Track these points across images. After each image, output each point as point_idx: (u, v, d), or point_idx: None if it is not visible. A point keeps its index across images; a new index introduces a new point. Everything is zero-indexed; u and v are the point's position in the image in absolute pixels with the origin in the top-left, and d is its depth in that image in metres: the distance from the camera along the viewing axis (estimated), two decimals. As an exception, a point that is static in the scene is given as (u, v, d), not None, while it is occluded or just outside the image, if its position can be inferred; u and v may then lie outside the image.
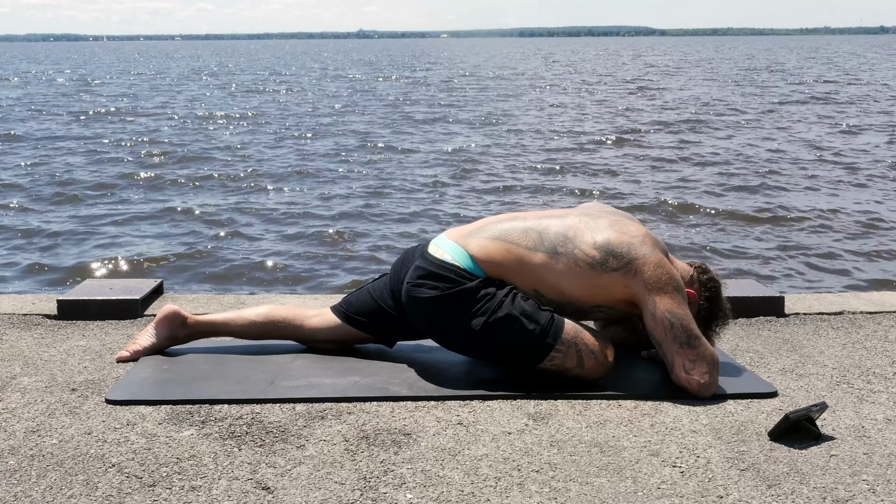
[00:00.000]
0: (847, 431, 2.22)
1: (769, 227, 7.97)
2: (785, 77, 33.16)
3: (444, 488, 1.90)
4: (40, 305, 3.31)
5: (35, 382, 2.53)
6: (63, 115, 19.48)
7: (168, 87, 30.43)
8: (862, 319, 3.23)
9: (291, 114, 19.79)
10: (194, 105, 22.46)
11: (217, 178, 10.75)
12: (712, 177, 10.64)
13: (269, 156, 12.81)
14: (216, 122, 17.87)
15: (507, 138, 14.62)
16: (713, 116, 18.14)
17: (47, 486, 1.90)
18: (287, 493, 1.87)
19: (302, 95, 25.76)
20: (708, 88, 26.43)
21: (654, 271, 2.45)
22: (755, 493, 1.89)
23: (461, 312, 2.48)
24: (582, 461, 2.04)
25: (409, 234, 7.78)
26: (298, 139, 14.83)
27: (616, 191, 9.84)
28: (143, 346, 2.73)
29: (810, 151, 12.80)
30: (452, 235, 2.63)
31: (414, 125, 17.00)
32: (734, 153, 12.59)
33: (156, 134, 15.66)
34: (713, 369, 2.43)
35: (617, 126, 16.48)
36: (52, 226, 8.10)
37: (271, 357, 2.72)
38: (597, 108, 20.34)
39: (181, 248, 7.30)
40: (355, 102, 22.91)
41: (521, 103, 21.82)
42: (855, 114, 18.55)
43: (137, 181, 10.60)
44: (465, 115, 18.93)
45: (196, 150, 13.32)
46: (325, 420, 2.26)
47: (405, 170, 11.40)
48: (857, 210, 8.69)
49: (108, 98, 25.07)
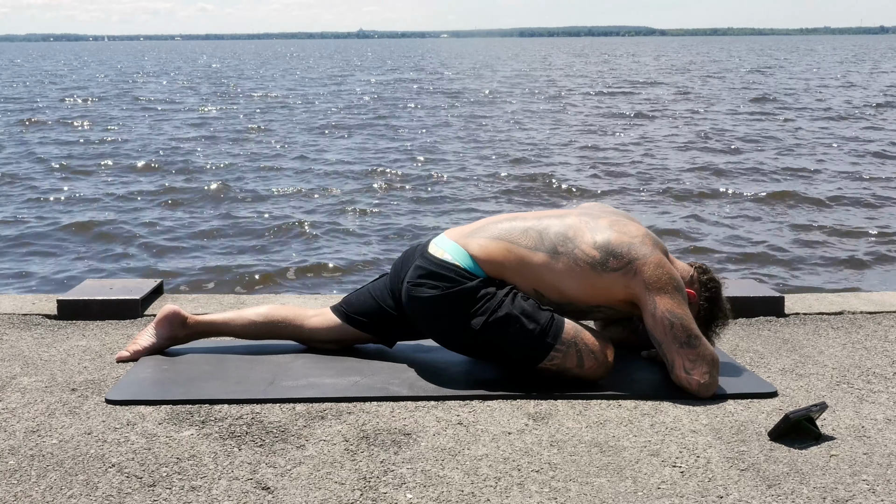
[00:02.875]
0: (847, 431, 2.22)
1: (769, 227, 7.97)
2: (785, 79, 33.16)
3: (444, 488, 1.90)
4: (40, 305, 3.31)
5: (35, 382, 2.53)
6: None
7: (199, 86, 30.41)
8: (862, 319, 3.23)
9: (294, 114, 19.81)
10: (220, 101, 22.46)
11: (217, 178, 10.75)
12: (713, 175, 10.65)
13: (270, 156, 12.81)
14: (230, 121, 17.88)
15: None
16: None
17: (47, 486, 1.90)
18: (287, 493, 1.87)
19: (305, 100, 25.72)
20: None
21: (654, 271, 2.45)
22: (755, 493, 1.89)
23: (461, 312, 2.48)
24: (582, 461, 2.04)
25: (408, 234, 7.78)
26: (298, 140, 14.83)
27: (616, 182, 9.84)
28: (143, 346, 2.73)
29: (810, 151, 12.80)
30: (453, 235, 2.63)
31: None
32: (734, 152, 12.60)
33: (153, 133, 15.67)
34: (713, 369, 2.43)
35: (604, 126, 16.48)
36: (53, 225, 8.10)
37: (271, 357, 2.72)
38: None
39: (181, 247, 7.30)
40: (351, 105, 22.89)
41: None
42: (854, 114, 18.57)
43: (137, 181, 10.60)
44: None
45: (195, 150, 13.32)
46: (325, 420, 2.26)
47: (407, 170, 11.41)
48: (858, 210, 8.68)
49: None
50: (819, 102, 21.42)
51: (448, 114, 19.33)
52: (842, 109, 19.29)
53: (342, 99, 24.36)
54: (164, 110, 20.77)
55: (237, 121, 18.15)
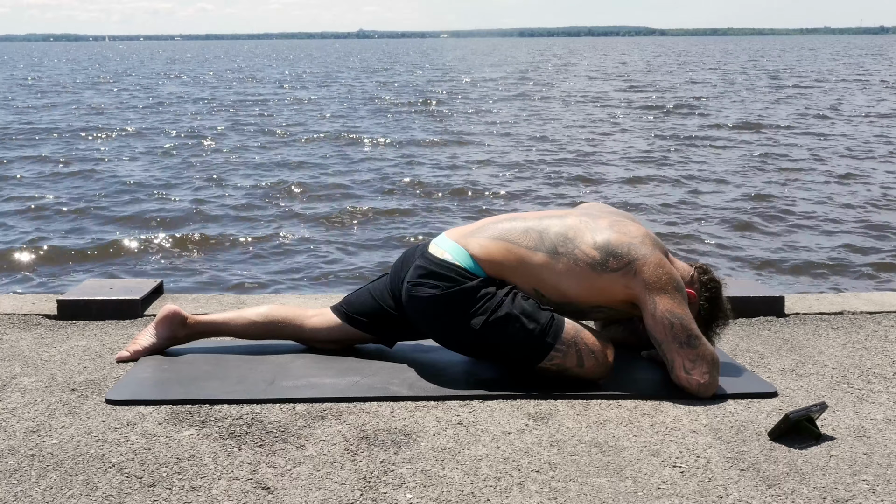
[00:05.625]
0: (847, 431, 2.22)
1: (769, 227, 7.97)
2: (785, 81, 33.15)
3: (444, 488, 1.90)
4: (40, 305, 3.31)
5: (35, 382, 2.53)
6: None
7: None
8: (862, 319, 3.23)
9: (290, 114, 19.80)
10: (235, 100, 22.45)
11: (217, 177, 10.75)
12: (713, 176, 10.64)
13: (270, 156, 12.80)
14: (233, 120, 17.89)
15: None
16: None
17: (47, 486, 1.90)
18: (287, 493, 1.87)
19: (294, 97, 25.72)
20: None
21: (653, 271, 2.45)
22: (755, 493, 1.89)
23: (461, 312, 2.48)
24: (582, 461, 2.04)
25: (410, 233, 7.78)
26: (299, 140, 14.83)
27: (617, 186, 9.84)
28: (143, 346, 2.73)
29: (809, 150, 12.80)
30: (453, 235, 2.63)
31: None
32: (734, 153, 12.59)
33: (151, 134, 15.67)
34: (713, 369, 2.43)
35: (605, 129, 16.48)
36: (53, 225, 8.09)
37: (271, 357, 2.72)
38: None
39: (182, 248, 7.30)
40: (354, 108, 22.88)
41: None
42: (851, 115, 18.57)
43: (137, 180, 10.60)
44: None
45: (196, 151, 13.32)
46: (325, 420, 2.26)
47: (407, 172, 11.41)
48: (858, 209, 8.68)
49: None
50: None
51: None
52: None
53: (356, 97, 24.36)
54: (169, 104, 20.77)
55: (244, 117, 18.16)
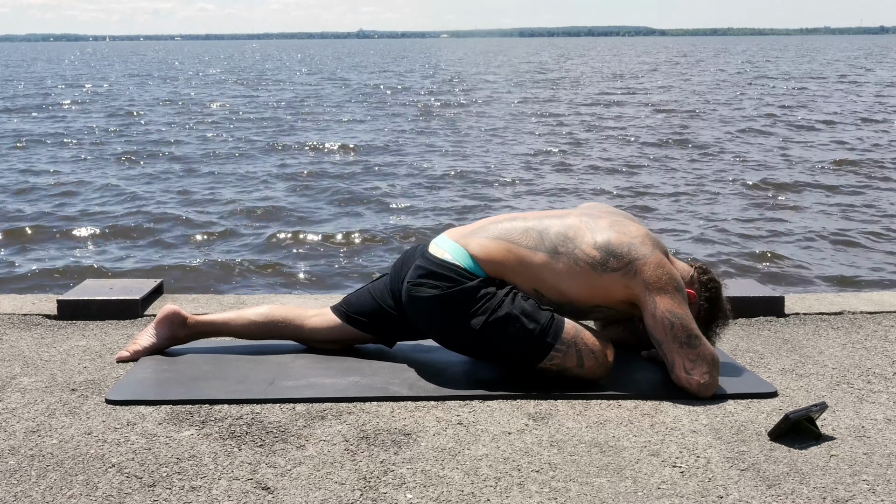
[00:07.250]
0: (847, 431, 2.22)
1: (769, 227, 7.97)
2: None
3: (444, 488, 1.90)
4: (40, 305, 3.31)
5: (35, 382, 2.53)
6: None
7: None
8: (862, 319, 3.23)
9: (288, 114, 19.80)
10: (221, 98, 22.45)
11: (217, 177, 10.75)
12: (712, 177, 10.64)
13: (271, 157, 12.80)
14: (233, 120, 17.89)
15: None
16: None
17: (47, 486, 1.90)
18: (287, 493, 1.87)
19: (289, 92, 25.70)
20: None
21: (654, 271, 2.45)
22: (755, 493, 1.89)
23: (461, 311, 2.48)
24: (582, 461, 2.04)
25: (409, 234, 7.78)
26: (299, 140, 14.83)
27: (618, 187, 9.84)
28: (143, 346, 2.73)
29: (808, 150, 12.80)
30: (453, 235, 2.63)
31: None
32: (733, 154, 12.59)
33: (149, 132, 15.67)
34: (713, 369, 2.43)
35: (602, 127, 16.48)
36: (52, 225, 8.09)
37: (271, 357, 2.72)
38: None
39: (181, 247, 7.30)
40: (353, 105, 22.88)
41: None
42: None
43: (137, 181, 10.60)
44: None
45: (195, 151, 13.32)
46: (325, 420, 2.26)
47: (408, 172, 11.41)
48: (858, 209, 8.68)
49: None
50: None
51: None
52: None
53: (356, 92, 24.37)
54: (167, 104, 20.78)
55: (242, 116, 18.17)
